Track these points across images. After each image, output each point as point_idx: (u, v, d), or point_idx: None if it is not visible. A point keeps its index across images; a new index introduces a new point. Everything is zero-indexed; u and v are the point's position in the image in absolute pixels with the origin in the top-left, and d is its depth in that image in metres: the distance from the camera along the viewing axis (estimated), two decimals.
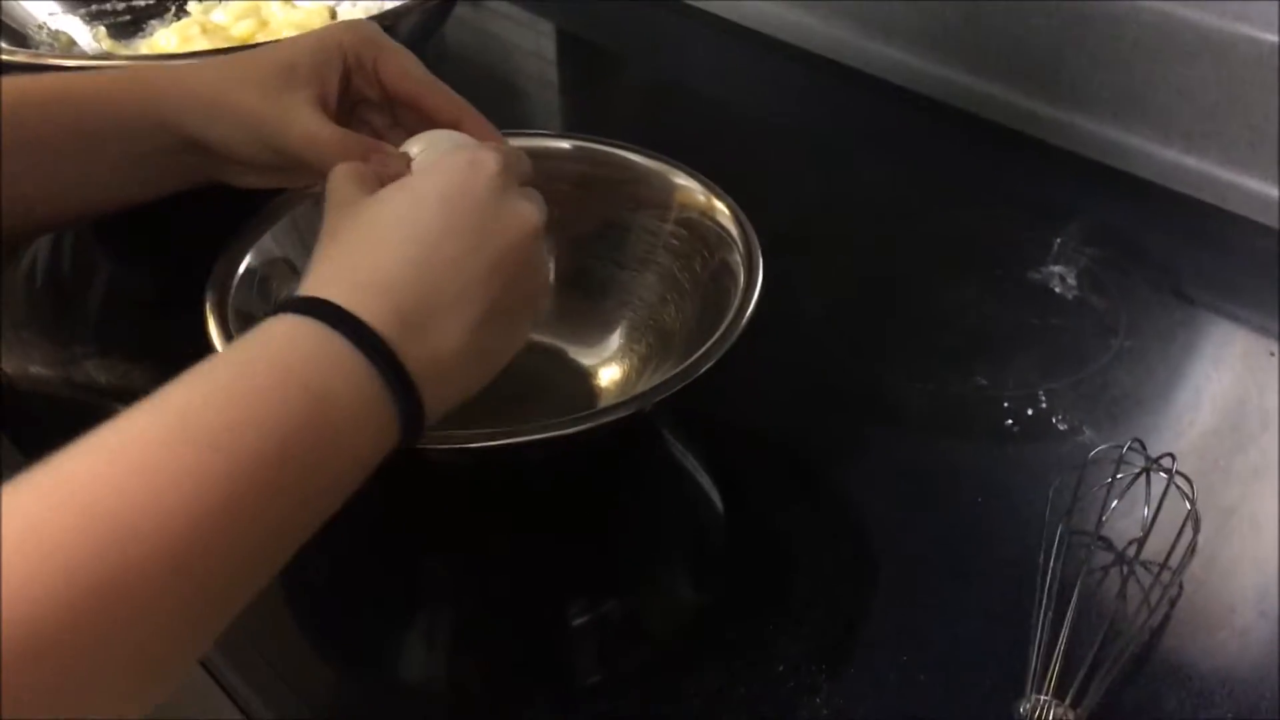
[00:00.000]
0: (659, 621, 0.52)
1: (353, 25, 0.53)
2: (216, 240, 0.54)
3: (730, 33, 0.94)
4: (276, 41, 0.53)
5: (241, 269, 0.53)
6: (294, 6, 0.84)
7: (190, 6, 0.85)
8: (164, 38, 0.80)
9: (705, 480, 0.57)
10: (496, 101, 0.75)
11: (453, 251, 0.41)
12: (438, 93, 0.51)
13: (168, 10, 0.85)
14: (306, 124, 0.49)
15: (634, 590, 0.52)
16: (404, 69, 0.51)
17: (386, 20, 0.67)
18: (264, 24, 0.82)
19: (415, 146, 0.49)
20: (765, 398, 0.60)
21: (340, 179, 0.45)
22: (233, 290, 0.52)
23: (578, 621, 0.51)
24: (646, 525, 0.55)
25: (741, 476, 0.56)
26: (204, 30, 0.80)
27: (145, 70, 0.55)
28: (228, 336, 0.49)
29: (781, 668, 0.47)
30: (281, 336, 0.38)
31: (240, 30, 0.81)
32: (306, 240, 0.54)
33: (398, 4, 0.72)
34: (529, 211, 0.44)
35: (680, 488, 0.57)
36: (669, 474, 0.57)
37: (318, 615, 0.51)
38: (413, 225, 0.42)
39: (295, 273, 0.55)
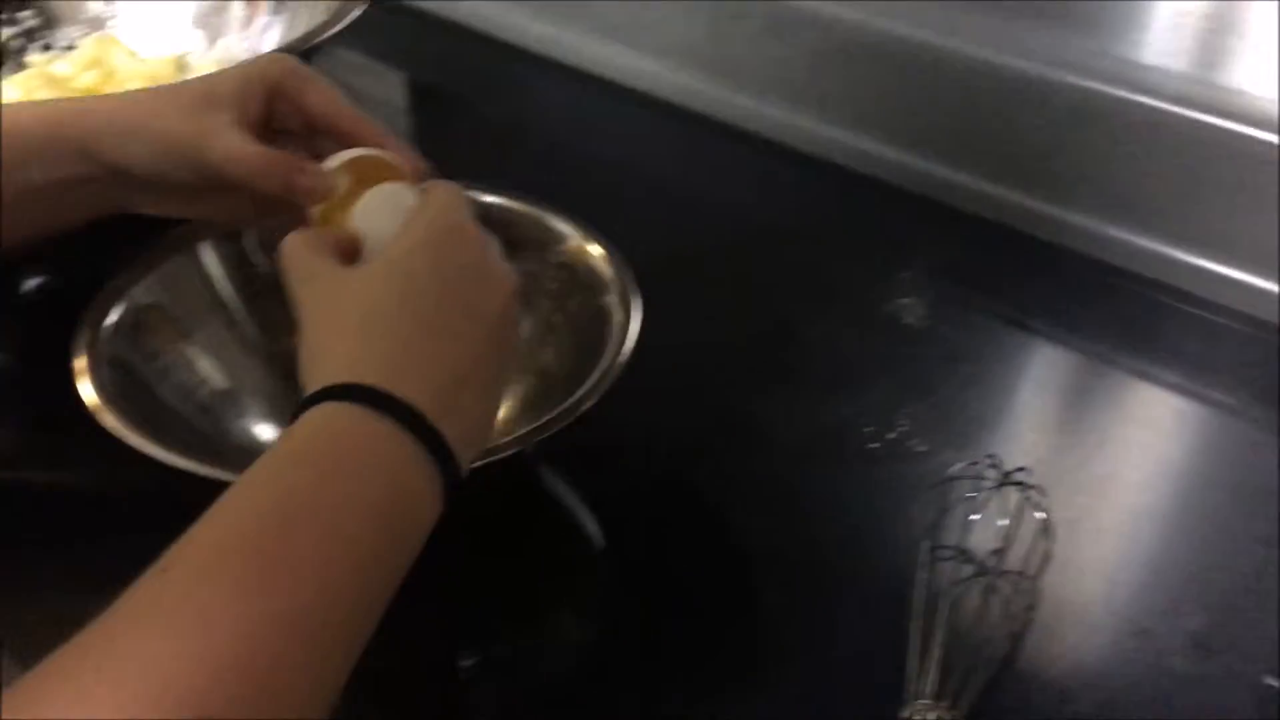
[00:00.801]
0: (541, 659, 0.53)
1: (276, 57, 0.53)
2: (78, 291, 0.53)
3: (581, 80, 0.96)
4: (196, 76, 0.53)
5: (113, 318, 0.53)
6: (140, 59, 0.83)
7: (31, 59, 0.83)
8: (6, 90, 0.78)
9: (585, 514, 0.58)
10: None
11: (460, 326, 0.42)
12: (362, 122, 0.51)
13: (2, 62, 0.83)
14: (229, 141, 0.48)
15: (516, 629, 0.53)
16: (329, 98, 0.51)
17: None
18: (110, 75, 0.80)
19: (335, 162, 0.48)
20: (643, 432, 0.62)
21: (296, 250, 0.44)
22: (102, 340, 0.51)
23: (461, 662, 0.51)
24: (528, 561, 0.55)
25: (621, 508, 0.58)
26: (47, 82, 0.78)
27: (53, 101, 0.54)
28: (100, 388, 0.49)
29: (667, 692, 0.49)
30: (349, 434, 0.38)
31: (85, 81, 0.79)
32: (181, 288, 0.55)
33: (246, 55, 0.72)
34: (508, 270, 0.45)
35: (561, 522, 0.58)
36: (550, 510, 0.58)
37: None
38: (418, 302, 0.42)
39: (170, 320, 0.54)
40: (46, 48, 0.84)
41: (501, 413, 0.58)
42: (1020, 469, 0.57)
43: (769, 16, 0.85)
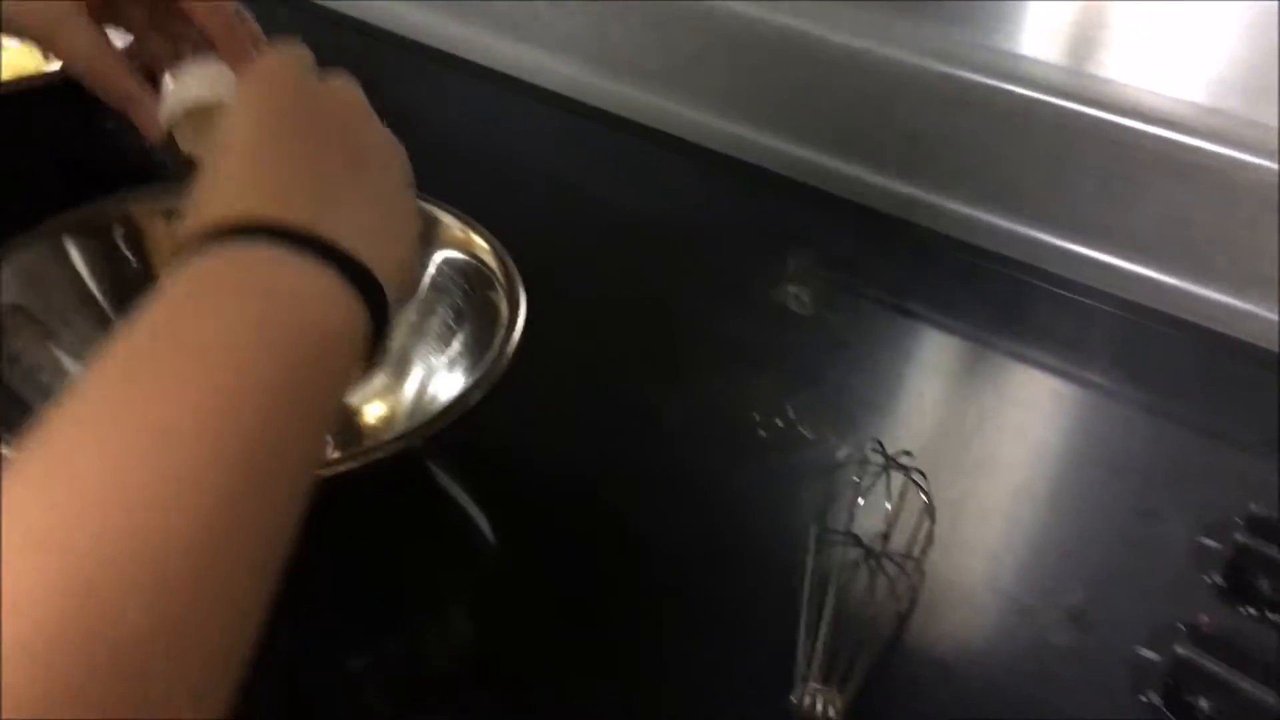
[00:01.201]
0: (431, 657, 0.52)
1: None
2: None
3: (470, 73, 0.95)
4: None
5: None
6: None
7: None
8: None
9: (475, 510, 0.57)
10: None
11: (313, 145, 0.40)
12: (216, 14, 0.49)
13: None
14: (75, 42, 0.47)
15: (406, 627, 0.52)
16: None
17: None
18: None
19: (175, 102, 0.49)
20: (533, 425, 0.61)
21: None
22: None
23: (349, 664, 0.50)
24: (419, 559, 0.54)
25: (511, 503, 0.57)
26: None
27: None
28: None
29: (558, 686, 0.48)
30: (259, 266, 0.34)
31: None
32: (45, 285, 0.53)
33: None
34: (343, 82, 0.43)
35: (452, 519, 0.57)
36: (440, 507, 0.57)
37: None
38: (273, 137, 0.39)
39: (32, 320, 0.52)
40: None
41: (387, 410, 0.58)
42: (904, 453, 0.57)
43: (653, 11, 0.85)
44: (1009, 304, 0.74)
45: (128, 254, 0.58)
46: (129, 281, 0.57)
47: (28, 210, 0.54)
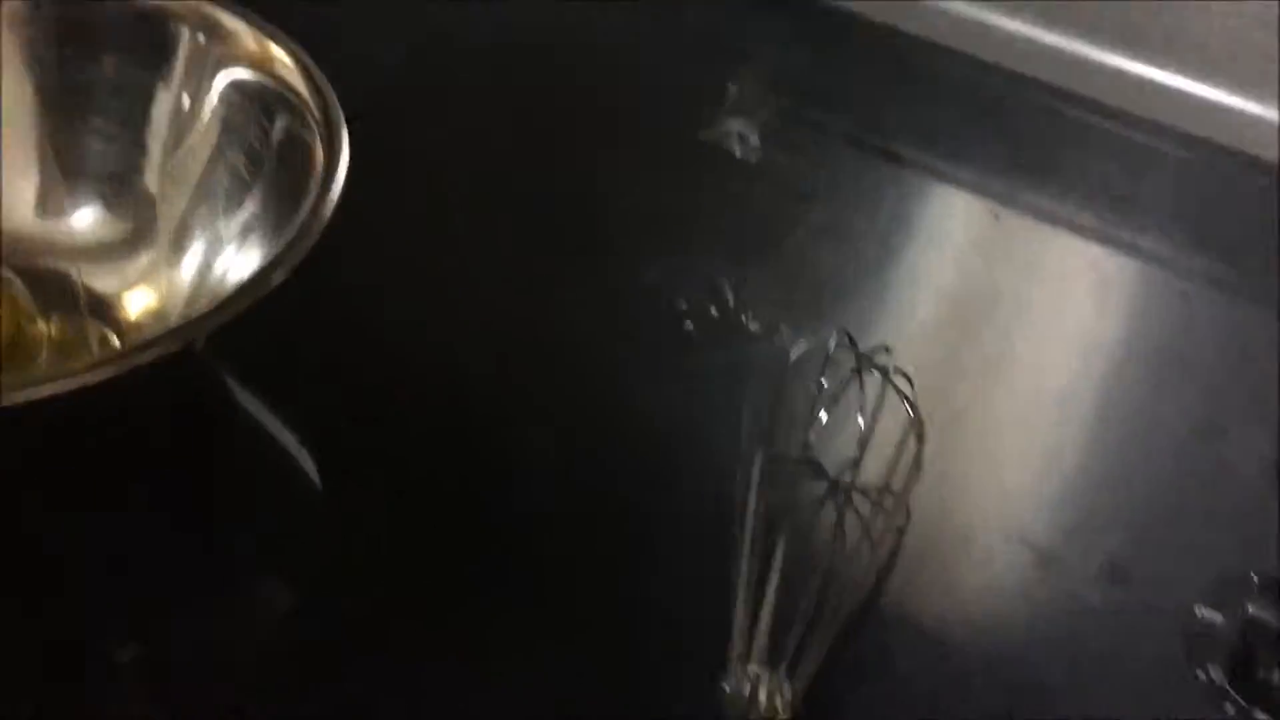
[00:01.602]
0: (238, 641, 0.51)
1: None
2: None
3: None
4: None
5: None
6: None
7: None
8: None
9: (294, 443, 0.57)
10: None
11: None
12: None
13: None
14: None
15: (199, 604, 0.51)
16: None
17: None
18: None
19: None
20: (364, 322, 0.60)
21: None
22: None
23: (119, 654, 0.49)
24: (218, 513, 0.54)
25: (339, 427, 0.56)
26: None
27: None
28: None
29: (411, 669, 0.48)
30: None
31: None
32: None
33: None
34: None
35: (262, 455, 0.56)
36: (245, 439, 0.57)
37: None
38: None
39: None
40: None
41: (157, 298, 0.57)
42: (883, 349, 0.57)
43: None
44: (1032, 142, 0.74)
45: None
46: None
47: None
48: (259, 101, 0.57)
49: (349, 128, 0.54)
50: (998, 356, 0.63)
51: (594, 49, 0.79)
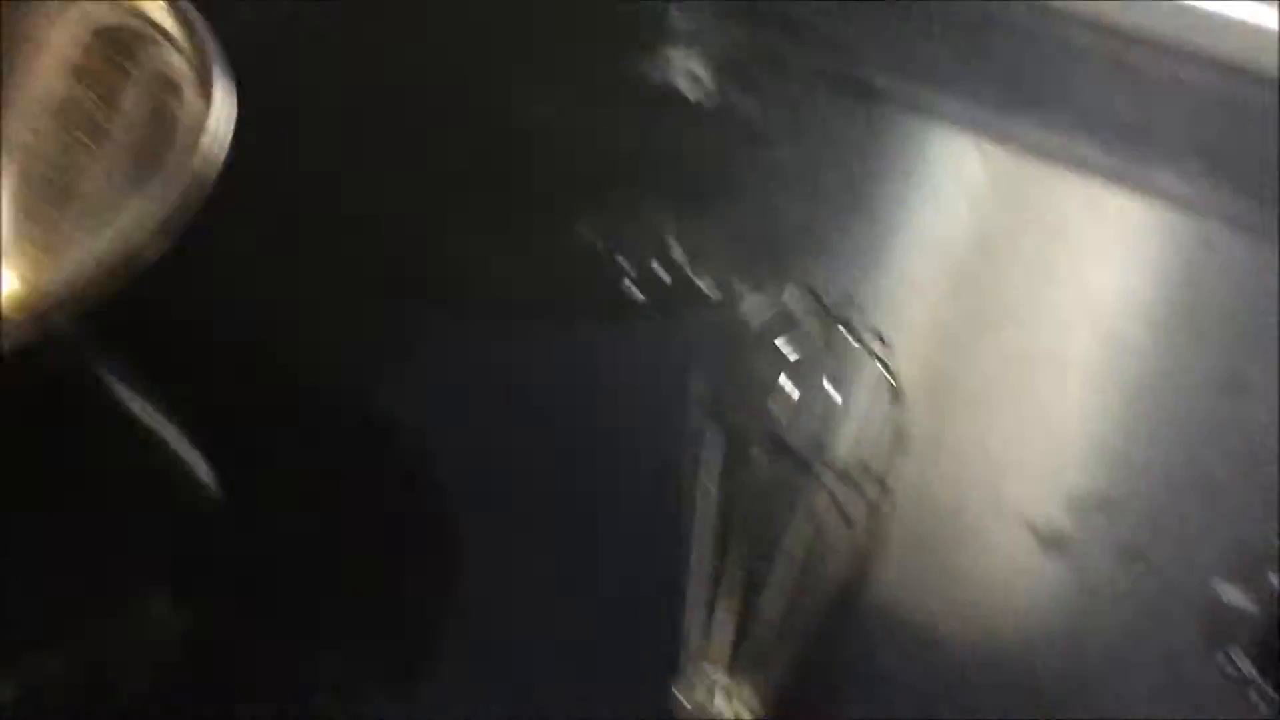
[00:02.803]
0: (129, 668, 0.52)
1: None
2: None
3: None
4: None
5: None
6: None
7: None
8: None
9: (183, 441, 0.59)
10: None
11: None
12: None
13: None
14: None
15: (81, 632, 0.53)
16: None
17: None
18: None
19: None
20: (254, 290, 0.62)
21: None
22: None
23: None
24: (101, 524, 0.55)
25: (244, 430, 0.58)
26: None
27: None
28: None
29: (327, 687, 0.49)
30: None
31: None
32: None
33: None
34: None
35: (150, 455, 0.58)
36: (128, 437, 0.58)
37: None
38: None
39: None
40: None
41: (12, 278, 0.58)
42: (856, 308, 0.59)
43: None
44: (1031, 68, 0.75)
45: None
46: None
47: None
48: (123, 42, 0.60)
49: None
50: (988, 314, 0.64)
51: None
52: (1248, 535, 0.55)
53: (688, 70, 0.73)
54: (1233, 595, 0.52)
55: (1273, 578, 0.53)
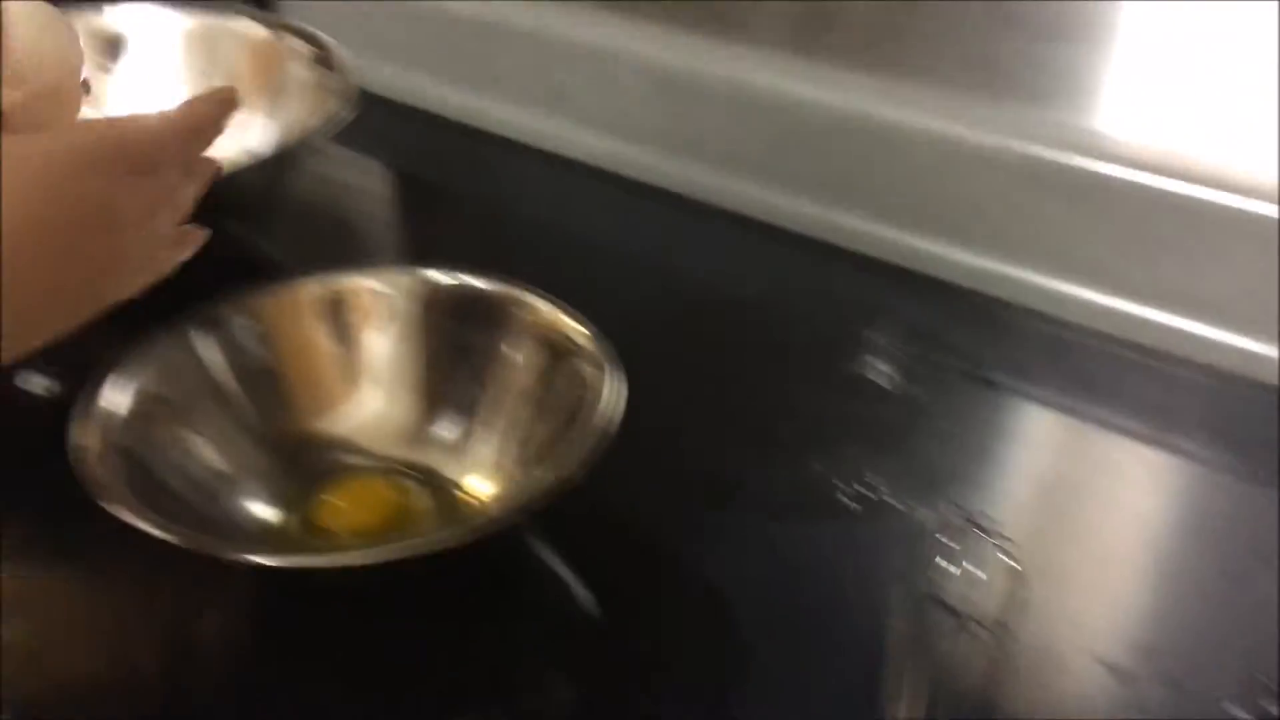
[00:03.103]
0: None
1: None
2: None
3: (552, 163, 1.01)
4: None
5: (113, 407, 0.56)
6: None
7: None
8: None
9: (575, 583, 0.62)
10: (337, 239, 0.80)
11: None
12: None
13: None
14: None
15: (515, 698, 0.55)
16: None
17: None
18: None
19: None
20: (628, 498, 0.66)
21: None
22: (104, 428, 0.54)
23: None
24: (519, 634, 0.59)
25: (608, 572, 0.62)
26: None
27: None
28: (104, 475, 0.51)
29: None
30: None
31: None
32: (177, 375, 0.58)
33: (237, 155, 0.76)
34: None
35: (553, 592, 0.61)
36: (538, 580, 0.62)
37: None
38: None
39: (168, 406, 0.58)
40: None
41: (492, 486, 0.62)
42: (991, 520, 0.62)
43: (729, 98, 0.90)
44: (1094, 374, 0.78)
45: (245, 344, 0.63)
46: (248, 368, 0.62)
47: (155, 308, 0.60)
48: (559, 354, 0.64)
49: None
50: (1075, 526, 0.65)
51: (774, 305, 0.84)
52: (1253, 672, 0.54)
53: (880, 369, 0.75)
54: (1239, 714, 0.51)
55: (1271, 706, 0.52)
